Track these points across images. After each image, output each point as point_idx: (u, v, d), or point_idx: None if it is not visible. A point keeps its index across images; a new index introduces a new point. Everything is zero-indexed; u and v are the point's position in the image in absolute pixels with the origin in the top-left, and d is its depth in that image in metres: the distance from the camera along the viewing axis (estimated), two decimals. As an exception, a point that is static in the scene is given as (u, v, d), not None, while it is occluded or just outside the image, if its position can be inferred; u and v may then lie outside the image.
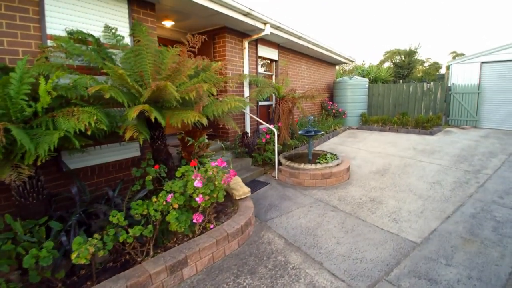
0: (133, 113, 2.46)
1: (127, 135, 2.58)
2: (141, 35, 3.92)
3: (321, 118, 9.86)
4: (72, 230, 2.53)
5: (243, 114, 6.38)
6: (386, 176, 5.15)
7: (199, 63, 3.81)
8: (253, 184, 4.94)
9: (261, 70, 7.17)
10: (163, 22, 5.37)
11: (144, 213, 2.65)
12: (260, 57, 6.92)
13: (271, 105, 7.32)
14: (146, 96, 2.75)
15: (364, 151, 6.98)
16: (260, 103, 6.90)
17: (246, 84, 6.28)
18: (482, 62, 9.64)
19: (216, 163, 3.01)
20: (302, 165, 4.97)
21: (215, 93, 2.81)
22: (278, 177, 5.21)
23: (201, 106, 3.12)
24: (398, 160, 6.07)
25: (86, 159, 3.59)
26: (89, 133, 2.34)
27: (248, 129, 6.44)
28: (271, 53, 7.29)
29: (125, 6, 4.03)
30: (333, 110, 9.99)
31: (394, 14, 66.19)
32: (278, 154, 5.72)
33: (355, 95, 10.28)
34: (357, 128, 10.26)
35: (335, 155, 5.51)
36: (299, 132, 5.43)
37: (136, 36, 4.01)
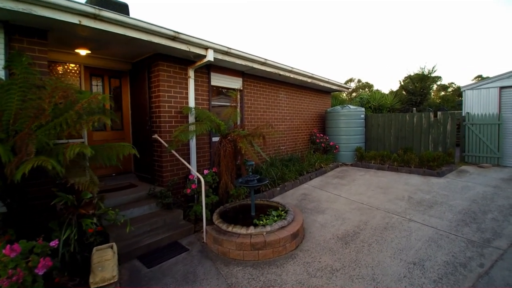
0: None
1: None
2: (18, 68, 3.18)
3: (306, 153, 8.54)
4: None
5: (188, 153, 5.33)
6: (352, 245, 3.71)
7: (57, 99, 2.87)
8: (166, 250, 3.76)
9: (219, 101, 6.19)
10: (76, 50, 4.63)
11: None
12: (215, 86, 5.97)
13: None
14: None
15: (343, 200, 5.54)
16: (215, 139, 5.83)
17: (191, 118, 5.28)
18: (502, 87, 7.99)
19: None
20: (230, 228, 3.71)
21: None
22: (205, 240, 3.97)
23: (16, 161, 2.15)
24: (380, 218, 4.59)
25: None
26: None
27: (194, 172, 5.33)
28: (233, 82, 6.34)
29: (1, 36, 3.32)
30: (322, 144, 8.65)
31: (417, 38, 64.46)
32: (217, 206, 4.54)
33: (349, 127, 8.91)
34: (351, 165, 8.75)
35: (287, 211, 4.20)
36: (239, 181, 4.23)
37: (12, 68, 3.26)
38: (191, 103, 5.32)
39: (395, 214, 4.67)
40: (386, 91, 27.63)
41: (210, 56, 4.91)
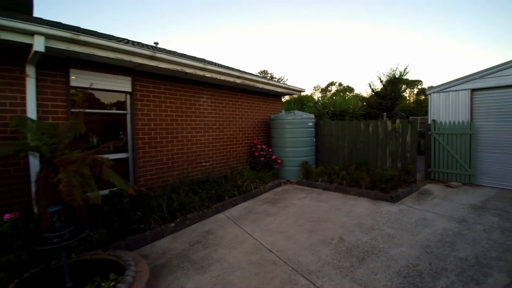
0: None
1: None
2: None
3: (241, 169, 7.02)
4: None
5: (28, 181, 3.76)
6: None
7: None
8: None
9: (94, 108, 4.63)
10: None
11: None
12: (78, 88, 4.41)
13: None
14: None
15: (249, 244, 4.02)
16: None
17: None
18: (473, 90, 6.64)
19: None
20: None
21: None
22: None
23: None
24: (279, 283, 3.05)
25: None
26: None
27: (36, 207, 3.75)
28: (115, 83, 4.78)
29: None
30: (262, 158, 7.15)
31: (403, 42, 64.16)
32: (36, 266, 2.95)
33: (296, 137, 7.43)
34: (296, 183, 7.26)
35: (116, 283, 2.65)
36: (41, 236, 2.68)
37: None
38: (31, 112, 3.77)
39: (303, 276, 3.16)
40: (367, 95, 26.60)
41: (40, 44, 3.37)
